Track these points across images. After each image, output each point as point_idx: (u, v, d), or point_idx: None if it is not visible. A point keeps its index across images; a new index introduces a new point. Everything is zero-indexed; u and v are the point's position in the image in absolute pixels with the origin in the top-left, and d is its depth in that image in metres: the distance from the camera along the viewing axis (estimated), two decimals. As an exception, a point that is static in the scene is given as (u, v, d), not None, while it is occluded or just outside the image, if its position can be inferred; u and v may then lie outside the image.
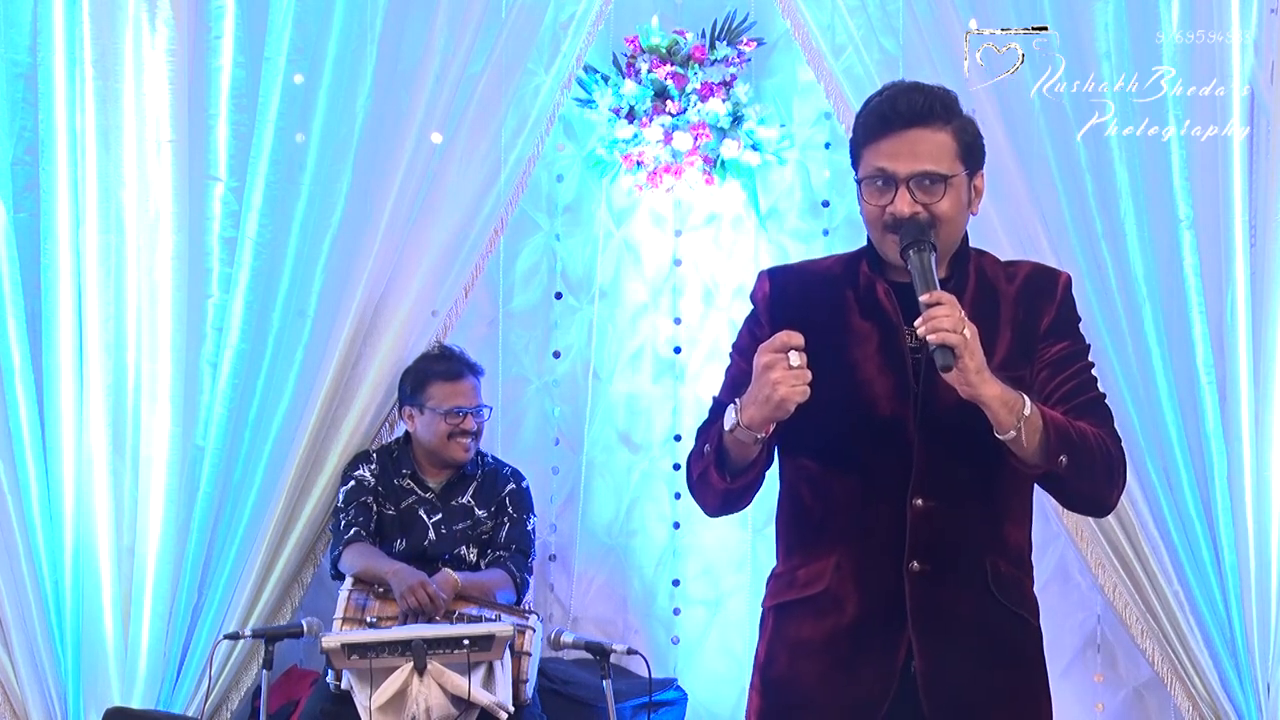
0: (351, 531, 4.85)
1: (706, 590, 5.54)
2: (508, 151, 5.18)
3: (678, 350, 5.55)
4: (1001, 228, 4.94)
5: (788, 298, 2.91)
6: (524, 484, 5.05)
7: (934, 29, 4.95)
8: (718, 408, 2.90)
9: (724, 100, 5.35)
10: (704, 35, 5.40)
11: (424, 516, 4.93)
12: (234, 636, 4.71)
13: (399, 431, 5.07)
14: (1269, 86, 4.84)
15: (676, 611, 5.53)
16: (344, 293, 5.05)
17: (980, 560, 2.83)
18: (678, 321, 5.54)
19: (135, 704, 4.94)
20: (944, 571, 2.80)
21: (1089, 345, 2.93)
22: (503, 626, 4.43)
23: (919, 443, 2.80)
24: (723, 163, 5.39)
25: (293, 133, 5.07)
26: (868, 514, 2.83)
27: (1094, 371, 2.92)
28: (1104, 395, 2.90)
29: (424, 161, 5.07)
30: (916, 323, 2.66)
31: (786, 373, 2.67)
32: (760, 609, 3.03)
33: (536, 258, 5.57)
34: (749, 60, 5.43)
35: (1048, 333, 2.87)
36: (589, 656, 4.58)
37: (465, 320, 5.29)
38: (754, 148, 5.39)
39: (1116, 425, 2.93)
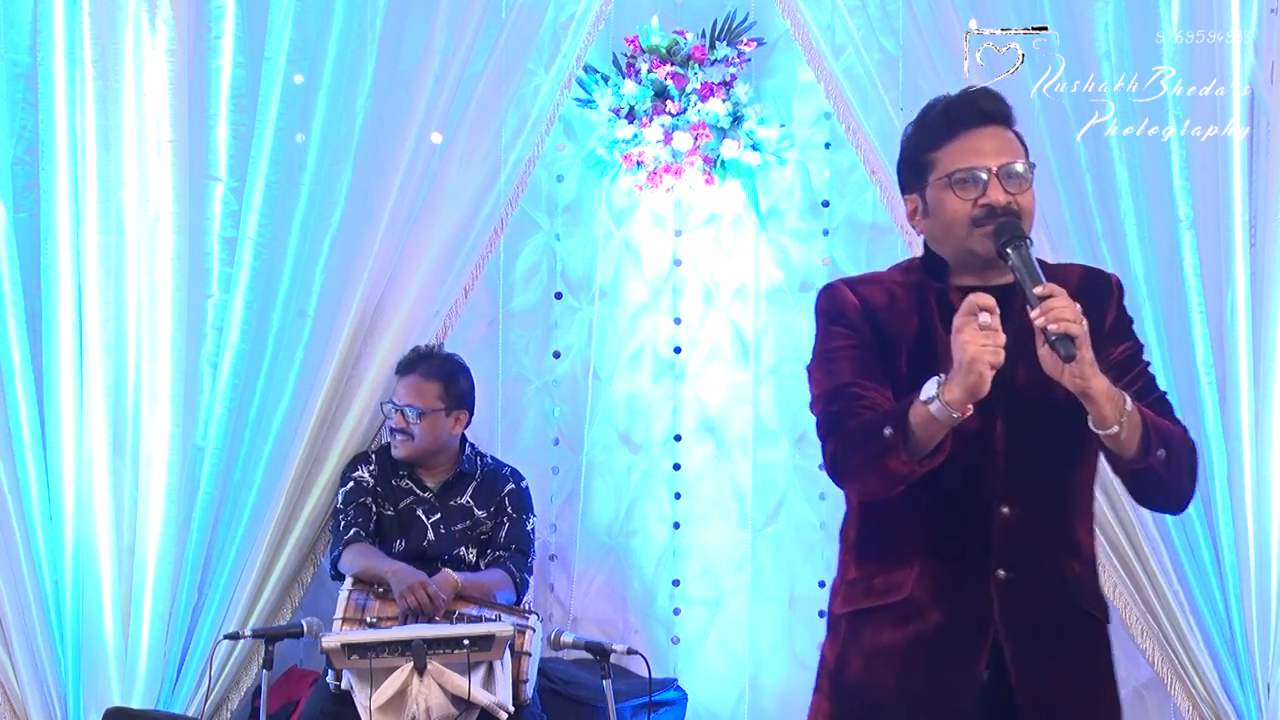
0: (351, 532, 4.85)
1: (706, 590, 5.54)
2: (508, 151, 5.18)
3: (678, 350, 5.55)
4: (1001, 228, 4.94)
5: (878, 308, 2.92)
6: (523, 484, 5.05)
7: (934, 29, 4.95)
8: (841, 394, 2.87)
9: (724, 100, 5.35)
10: (704, 35, 5.40)
11: (423, 517, 4.93)
12: (234, 636, 4.71)
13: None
14: (1269, 86, 4.84)
15: (676, 611, 5.53)
16: (344, 293, 5.05)
17: (1059, 564, 2.87)
18: (678, 321, 5.54)
19: (135, 704, 4.94)
20: (1028, 577, 2.83)
21: (1144, 345, 3.00)
22: (503, 626, 4.43)
23: (1005, 450, 2.83)
24: (723, 163, 5.39)
25: (293, 133, 5.07)
26: (952, 522, 2.85)
27: (1152, 373, 2.98)
28: (1166, 394, 2.96)
29: (424, 161, 5.06)
30: (1034, 314, 2.69)
31: (976, 333, 2.69)
32: (827, 615, 3.04)
33: (536, 258, 5.57)
34: (749, 60, 5.43)
35: (1111, 333, 2.92)
36: (589, 656, 4.58)
37: (465, 320, 5.29)
38: (754, 148, 5.39)
39: None
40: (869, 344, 2.90)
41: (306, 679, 5.10)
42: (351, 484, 4.94)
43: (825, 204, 5.50)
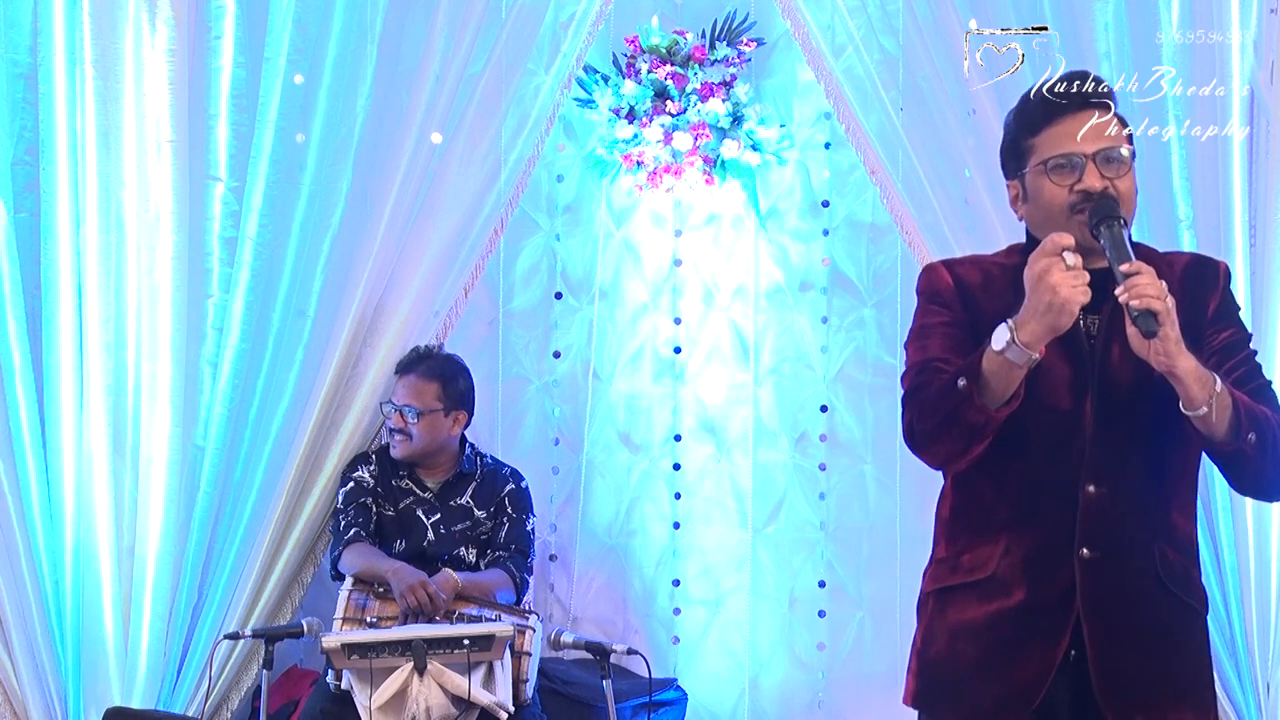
0: (351, 532, 4.85)
1: (706, 590, 5.54)
2: (508, 151, 5.18)
3: (678, 350, 5.55)
4: (1002, 228, 4.94)
5: (974, 288, 2.95)
6: (523, 484, 5.05)
7: (934, 29, 4.95)
8: (927, 368, 2.90)
9: (724, 100, 5.35)
10: (704, 35, 5.40)
11: (423, 517, 4.93)
12: (234, 636, 4.71)
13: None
14: (1269, 86, 4.84)
15: (676, 611, 5.53)
16: (344, 293, 5.05)
17: (1149, 548, 2.86)
18: (678, 321, 5.54)
19: (135, 704, 4.94)
20: (1114, 558, 2.83)
21: (1251, 334, 2.99)
22: (503, 626, 4.43)
23: (1093, 428, 2.84)
24: (723, 163, 5.39)
25: (293, 133, 5.07)
26: (1040, 500, 2.86)
27: (1259, 359, 2.97)
28: (1270, 384, 2.95)
29: (424, 161, 5.06)
30: (1118, 290, 2.70)
31: (1065, 274, 2.71)
32: (918, 595, 3.04)
33: (536, 258, 5.57)
34: (749, 60, 5.43)
35: (1214, 320, 2.93)
36: (589, 656, 4.58)
37: (465, 320, 5.29)
38: (754, 148, 5.39)
39: None
40: (961, 322, 2.94)
41: (306, 679, 5.10)
42: (351, 484, 4.94)
43: (825, 204, 5.50)
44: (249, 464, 5.08)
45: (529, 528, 5.00)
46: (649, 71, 5.37)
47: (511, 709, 4.47)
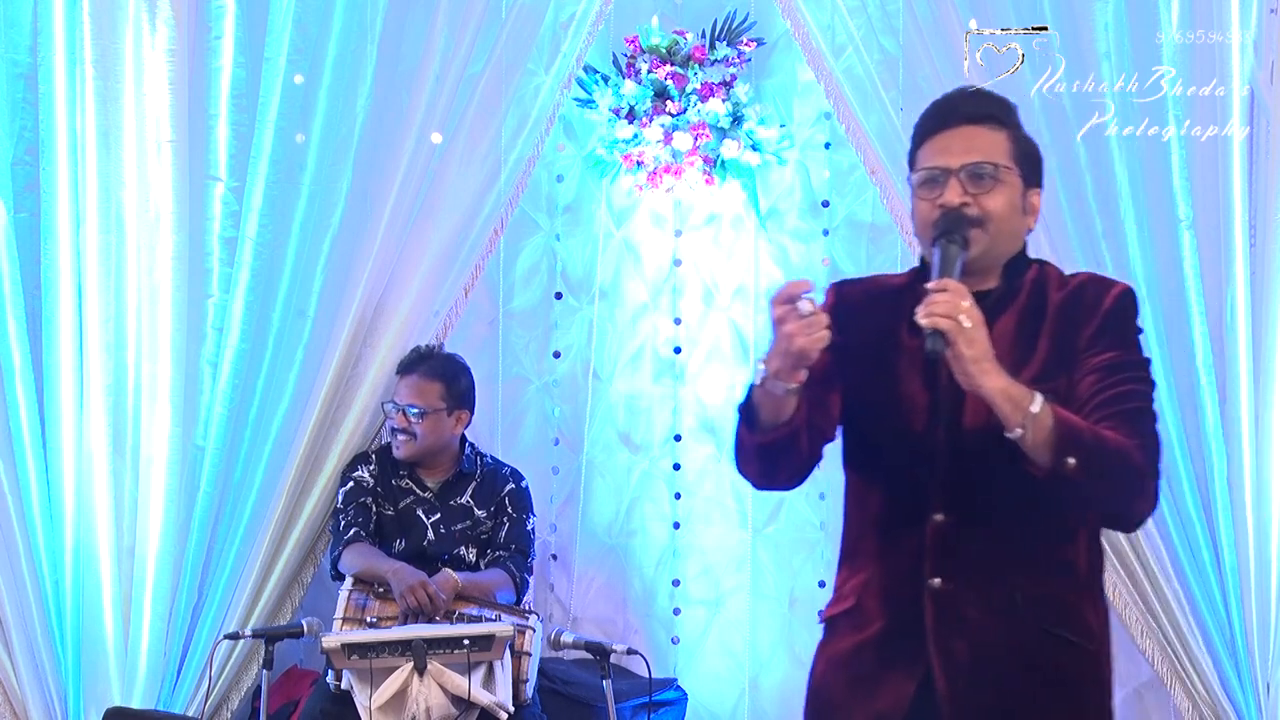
0: (351, 532, 4.85)
1: (706, 590, 5.54)
2: (508, 151, 5.18)
3: (678, 350, 5.55)
4: (1001, 228, 4.94)
5: (851, 310, 2.90)
6: (523, 484, 5.05)
7: (934, 29, 4.95)
8: None
9: (724, 100, 5.35)
10: (704, 35, 5.40)
11: (423, 517, 4.93)
12: (234, 636, 4.71)
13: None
14: (1269, 86, 4.84)
15: (676, 611, 5.53)
16: (344, 293, 5.05)
17: (1009, 578, 2.76)
18: (678, 321, 5.54)
19: (135, 704, 4.94)
20: (967, 589, 2.76)
21: (1148, 360, 2.85)
22: (503, 626, 4.43)
23: (943, 456, 2.77)
24: (723, 163, 5.39)
25: (293, 133, 5.07)
26: (894, 529, 2.82)
27: (1145, 386, 2.82)
28: (1149, 409, 2.80)
29: (424, 161, 5.06)
30: (917, 310, 2.65)
31: (799, 323, 2.65)
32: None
33: (536, 258, 5.57)
34: (749, 60, 5.43)
35: (1091, 342, 2.80)
36: (589, 656, 4.58)
37: (465, 320, 5.29)
38: (754, 148, 5.39)
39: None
40: (830, 343, 2.85)
41: (306, 679, 5.10)
42: (351, 484, 4.94)
43: (825, 204, 5.50)
44: (249, 464, 5.08)
45: (529, 528, 5.00)
46: (649, 71, 5.37)
47: (511, 709, 4.47)
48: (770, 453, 2.79)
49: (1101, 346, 2.80)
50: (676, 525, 5.55)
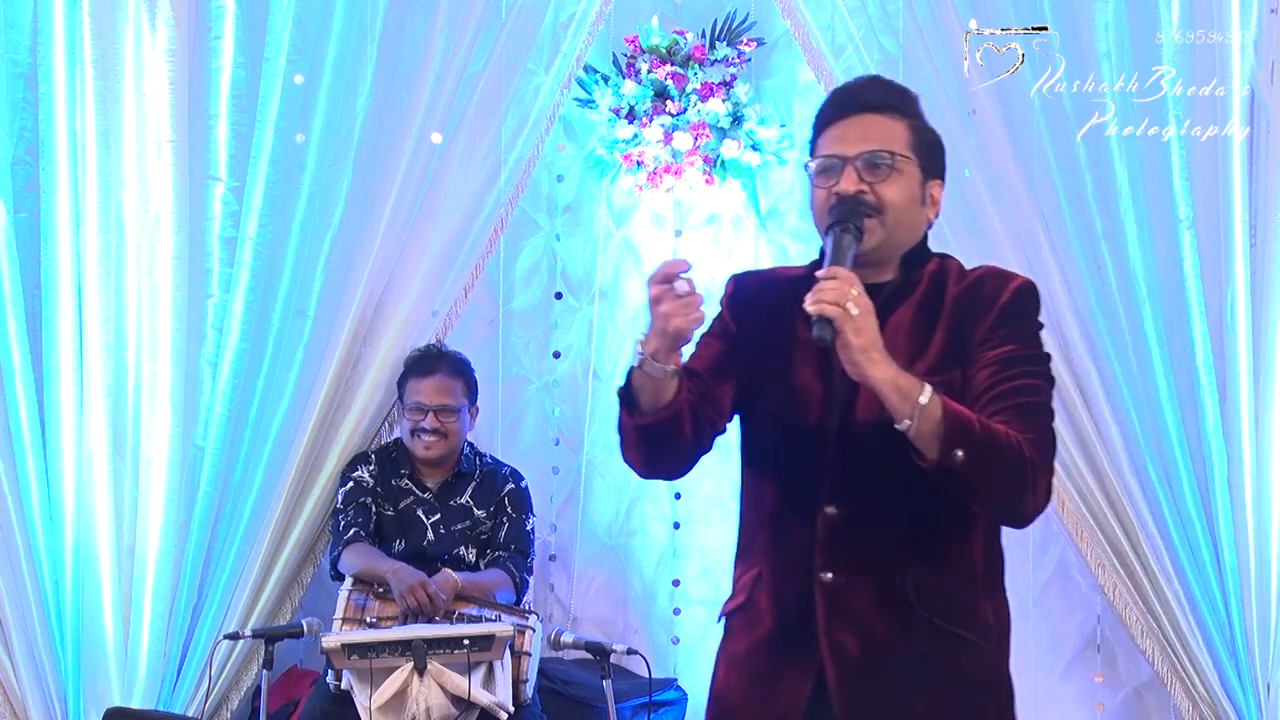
0: (351, 532, 4.85)
1: (706, 590, 5.54)
2: (508, 151, 5.18)
3: (678, 350, 5.54)
4: (1001, 228, 4.95)
5: (747, 300, 2.90)
6: (523, 484, 5.05)
7: (934, 29, 4.95)
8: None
9: (724, 100, 5.35)
10: (704, 35, 5.40)
11: (422, 517, 4.93)
12: (234, 636, 4.71)
13: (398, 432, 5.07)
14: (1269, 86, 4.84)
15: (676, 611, 5.53)
16: (344, 293, 5.05)
17: (902, 572, 2.71)
18: (678, 321, 5.53)
19: (135, 704, 4.94)
20: (858, 583, 2.71)
21: (1048, 355, 2.80)
22: (503, 626, 4.43)
23: (834, 448, 2.73)
24: (723, 163, 5.39)
25: (293, 133, 5.07)
26: (786, 523, 2.77)
27: (1043, 381, 2.77)
28: (1045, 404, 2.75)
29: (424, 161, 5.07)
30: (806, 297, 2.60)
31: (675, 303, 2.66)
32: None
33: (536, 258, 5.57)
34: (749, 60, 5.43)
35: (988, 335, 2.76)
36: (589, 656, 4.58)
37: (465, 320, 5.29)
38: (754, 148, 5.39)
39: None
40: (722, 332, 2.90)
41: (306, 679, 5.10)
42: (351, 484, 4.94)
43: (825, 204, 5.50)
44: (249, 464, 5.08)
45: (529, 528, 5.00)
46: (649, 71, 5.37)
47: (511, 709, 4.47)
48: (652, 437, 2.75)
49: (998, 340, 2.76)
50: (676, 525, 5.55)
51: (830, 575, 2.71)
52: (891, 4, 5.09)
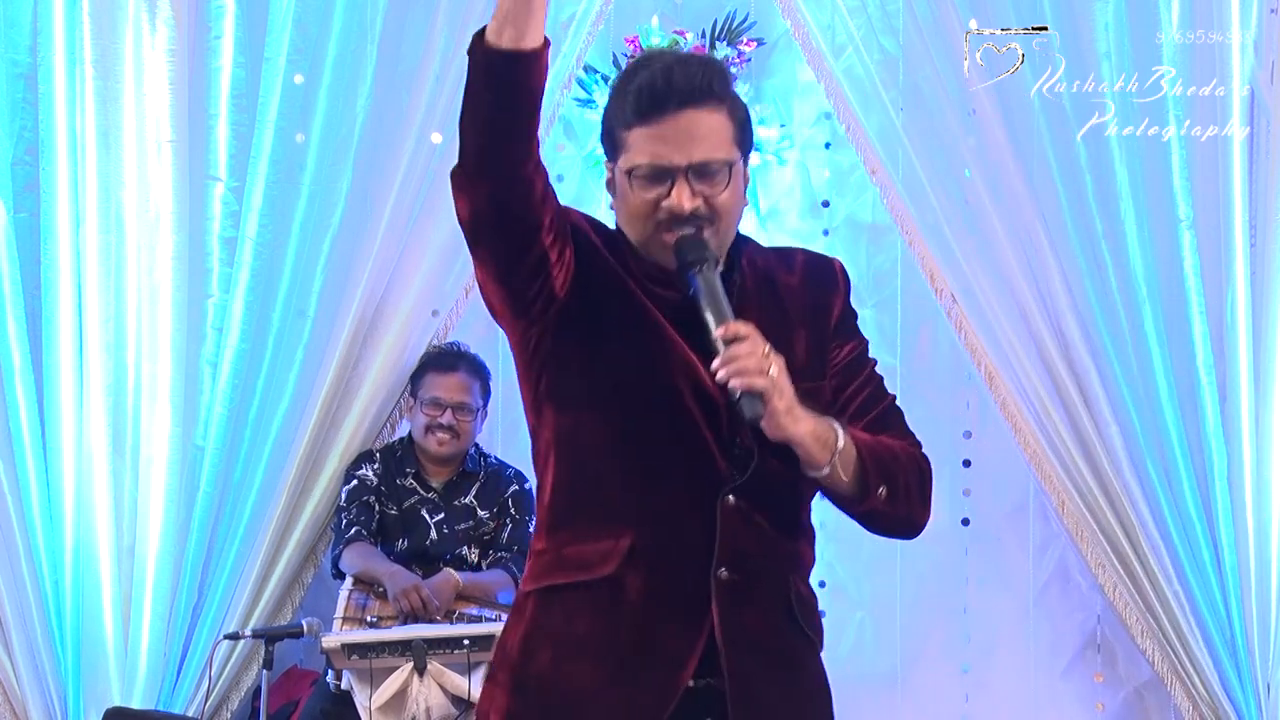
0: (353, 531, 4.85)
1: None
2: (508, 152, 5.17)
3: (678, 350, 5.54)
4: (1001, 228, 4.95)
5: (596, 241, 2.52)
6: (527, 485, 5.04)
7: (934, 29, 4.95)
8: None
9: (724, 100, 5.34)
10: (704, 35, 5.40)
11: (426, 516, 4.93)
12: (234, 637, 4.71)
13: (401, 431, 5.07)
14: (1269, 86, 4.85)
15: (676, 611, 5.52)
16: (344, 293, 5.05)
17: (785, 579, 2.51)
18: (678, 321, 5.53)
19: (135, 704, 4.93)
20: (752, 585, 2.45)
21: (866, 341, 2.61)
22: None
23: (728, 441, 2.44)
24: (722, 163, 5.38)
25: (293, 133, 5.07)
26: (674, 498, 2.44)
27: (877, 369, 2.60)
28: (895, 397, 2.59)
29: (424, 161, 5.07)
30: (714, 365, 2.32)
31: None
32: (515, 595, 2.65)
33: (536, 258, 5.56)
34: (749, 60, 5.42)
35: (837, 330, 2.56)
36: (589, 656, 4.57)
37: (465, 320, 5.28)
38: (754, 148, 5.38)
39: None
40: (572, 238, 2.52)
41: (306, 679, 5.10)
42: (355, 482, 4.94)
43: (825, 204, 5.50)
44: (249, 464, 5.08)
45: (532, 529, 4.99)
46: (649, 71, 5.36)
47: (511, 709, 4.47)
48: (507, 76, 2.38)
49: (845, 336, 2.58)
50: (676, 525, 5.54)
51: (726, 572, 2.43)
52: (891, 4, 5.09)
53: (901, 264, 5.35)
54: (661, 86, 2.40)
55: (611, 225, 2.56)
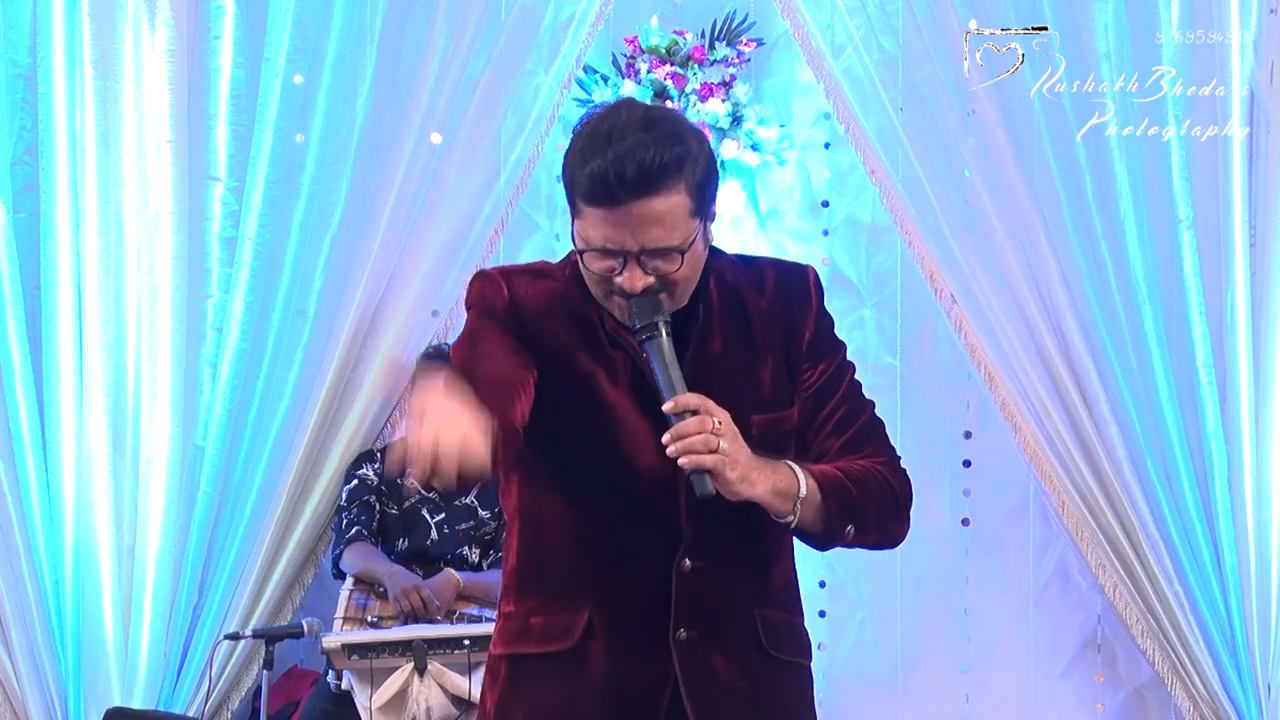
0: (354, 530, 4.85)
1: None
2: (508, 151, 5.18)
3: (678, 350, 5.54)
4: (1001, 228, 4.95)
5: (534, 305, 2.50)
6: (525, 485, 5.04)
7: (934, 29, 4.95)
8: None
9: (724, 100, 5.35)
10: (704, 35, 5.40)
11: (427, 516, 4.93)
12: (234, 637, 4.71)
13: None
14: (1269, 86, 4.85)
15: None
16: (344, 293, 5.05)
17: (750, 616, 2.49)
18: (678, 321, 5.53)
19: (135, 704, 4.93)
20: (714, 635, 2.45)
21: (846, 347, 2.58)
22: (503, 626, 4.43)
23: (687, 495, 2.39)
24: (722, 163, 5.38)
25: (293, 133, 5.07)
26: (628, 569, 2.45)
27: (858, 382, 2.56)
28: (872, 409, 2.56)
29: (424, 161, 5.07)
30: (665, 438, 2.31)
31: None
32: (487, 656, 2.63)
33: (536, 258, 5.56)
34: (749, 60, 5.43)
35: (809, 352, 2.52)
36: (589, 656, 4.57)
37: (465, 320, 5.28)
38: (754, 148, 5.39)
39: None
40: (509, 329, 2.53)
41: (306, 679, 5.10)
42: (355, 482, 4.94)
43: (825, 204, 5.50)
44: (249, 464, 5.08)
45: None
46: (648, 71, 5.37)
47: (511, 709, 4.47)
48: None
49: (818, 356, 2.53)
50: (676, 525, 5.54)
51: (685, 632, 2.44)
52: (891, 4, 5.09)
53: (901, 264, 5.36)
54: (614, 180, 2.32)
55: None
